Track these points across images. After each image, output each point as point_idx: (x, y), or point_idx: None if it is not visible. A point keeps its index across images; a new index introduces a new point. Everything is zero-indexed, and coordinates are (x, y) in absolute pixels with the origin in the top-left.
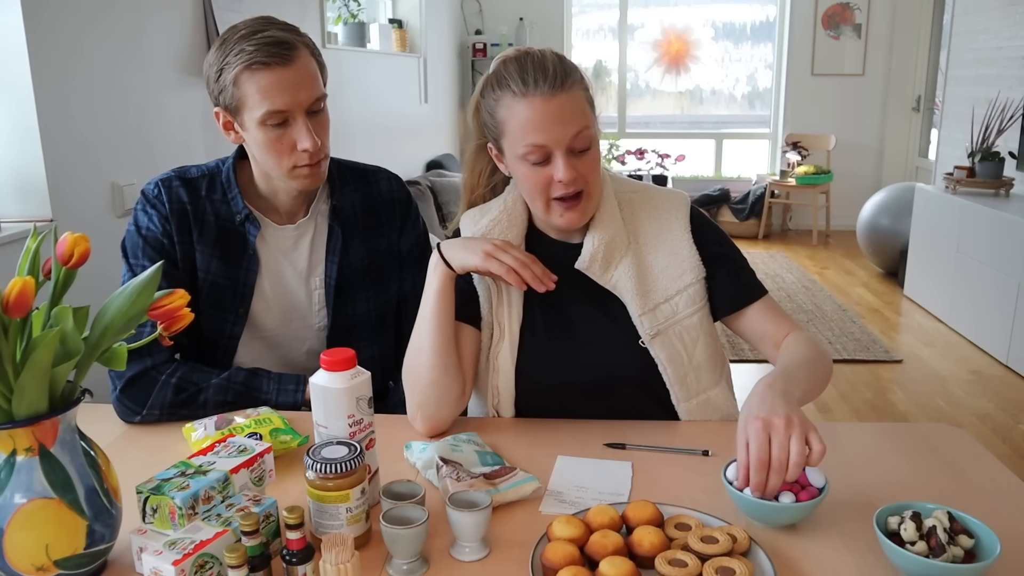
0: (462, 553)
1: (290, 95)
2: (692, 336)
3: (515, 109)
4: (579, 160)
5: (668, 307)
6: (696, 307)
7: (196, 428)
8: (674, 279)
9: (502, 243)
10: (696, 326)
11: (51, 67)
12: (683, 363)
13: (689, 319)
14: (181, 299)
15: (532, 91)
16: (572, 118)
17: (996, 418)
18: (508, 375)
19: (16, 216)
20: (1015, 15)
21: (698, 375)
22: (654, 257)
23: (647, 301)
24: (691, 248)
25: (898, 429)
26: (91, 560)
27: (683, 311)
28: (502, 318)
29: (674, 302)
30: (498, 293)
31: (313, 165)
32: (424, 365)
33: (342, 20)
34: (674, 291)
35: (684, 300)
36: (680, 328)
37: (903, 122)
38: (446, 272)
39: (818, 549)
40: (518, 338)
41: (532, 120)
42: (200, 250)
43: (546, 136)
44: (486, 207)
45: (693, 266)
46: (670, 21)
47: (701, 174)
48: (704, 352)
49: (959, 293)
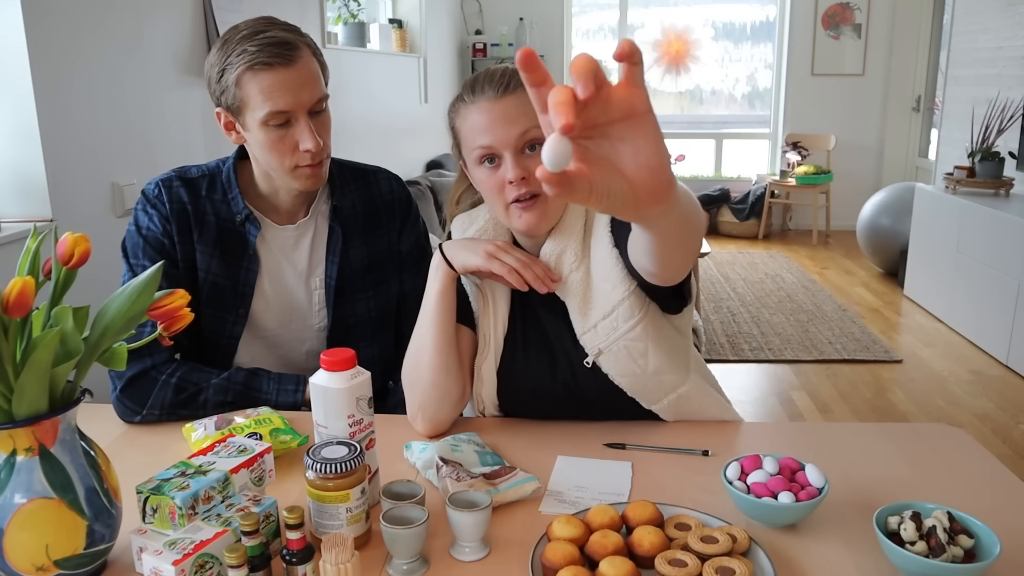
0: (462, 553)
1: (293, 95)
2: (640, 349)
3: (465, 115)
4: (531, 160)
5: (607, 323)
6: (636, 319)
7: (196, 428)
8: (608, 293)
9: (504, 244)
10: (641, 337)
11: (51, 67)
12: (637, 375)
13: (631, 332)
14: (181, 299)
15: (479, 96)
16: (519, 118)
17: (996, 418)
18: (491, 385)
19: (16, 216)
20: (1015, 15)
21: (659, 380)
22: (597, 270)
23: (586, 320)
24: (614, 259)
25: (898, 429)
26: (91, 560)
27: (623, 326)
28: (487, 329)
29: (612, 318)
30: (483, 304)
31: (315, 165)
32: (425, 365)
33: (342, 20)
34: (610, 307)
35: (622, 314)
36: (624, 342)
37: (903, 122)
38: (448, 273)
39: (818, 549)
40: (502, 349)
41: (479, 123)
42: (200, 250)
43: (492, 137)
44: (474, 214)
45: (621, 278)
46: (670, 21)
47: (701, 174)
48: (658, 359)
49: (959, 293)
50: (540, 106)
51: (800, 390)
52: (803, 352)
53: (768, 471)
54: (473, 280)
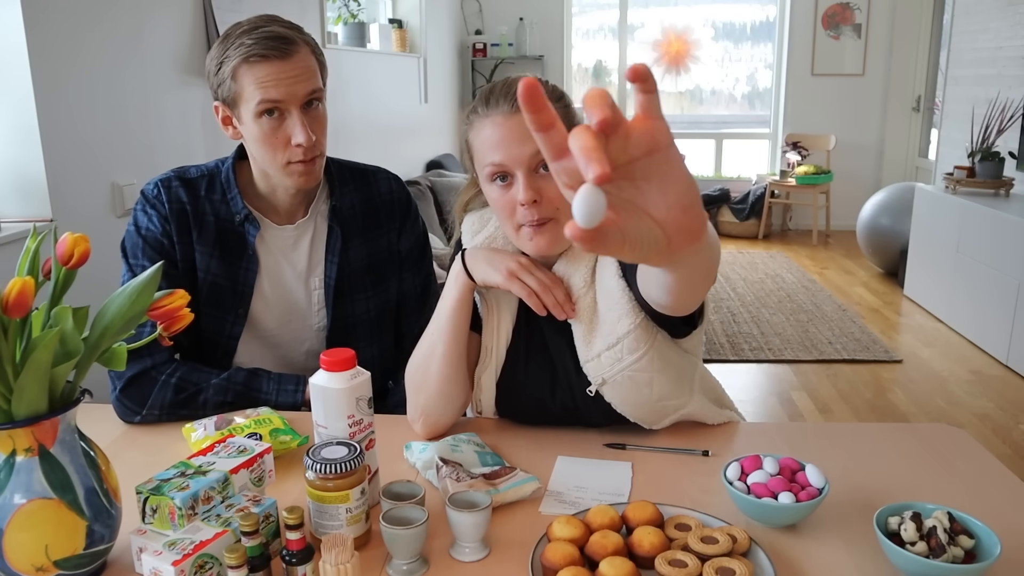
0: (462, 553)
1: (285, 87)
2: (645, 378)
3: (478, 128)
4: (545, 182)
5: (611, 354)
6: (641, 352)
7: (196, 428)
8: (614, 323)
9: (527, 263)
10: (646, 368)
11: (51, 67)
12: (640, 404)
13: (636, 364)
14: (181, 299)
15: (492, 109)
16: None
17: (996, 418)
18: (490, 394)
19: (16, 216)
20: (1015, 15)
21: (662, 405)
22: (603, 298)
23: (590, 349)
24: (621, 289)
25: (898, 429)
26: (91, 560)
27: (627, 358)
28: (490, 340)
29: (616, 349)
30: (487, 313)
31: (307, 162)
32: (434, 372)
33: (342, 20)
34: (615, 339)
35: (627, 346)
36: (629, 373)
37: (903, 122)
38: (467, 283)
39: (818, 549)
40: (503, 363)
41: (491, 138)
42: (200, 250)
43: (504, 154)
44: (485, 216)
45: (628, 310)
46: (670, 21)
47: (701, 174)
48: (663, 387)
49: (959, 293)
50: (550, 153)
51: (800, 390)
52: (803, 352)
53: (768, 471)
54: (480, 290)
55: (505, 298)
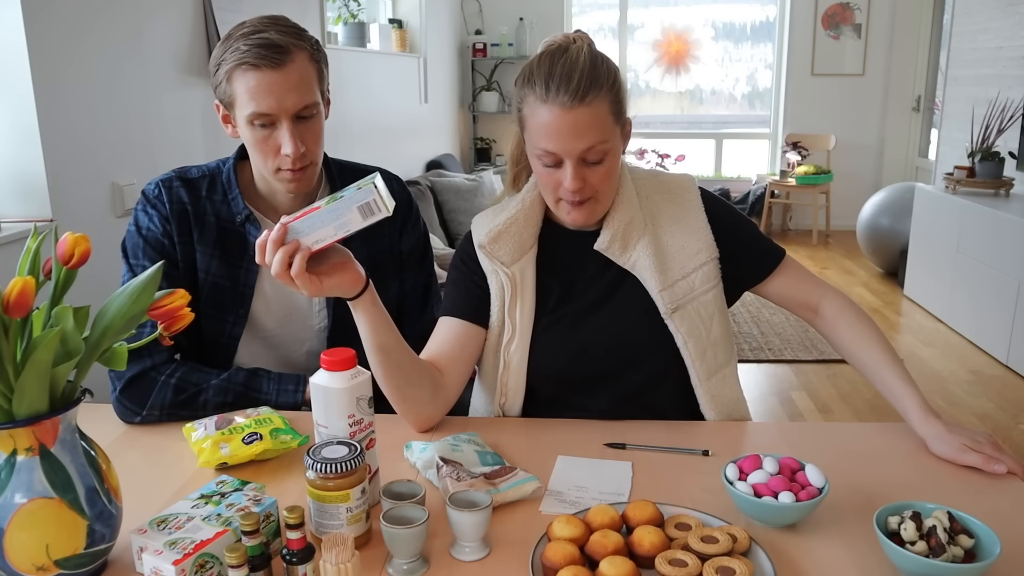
0: (462, 553)
1: (276, 99)
2: (708, 312)
3: (536, 111)
4: (590, 171)
5: (685, 284)
6: (710, 284)
7: (196, 428)
8: (690, 257)
9: (261, 243)
10: (711, 303)
11: (51, 67)
12: (702, 338)
13: (705, 295)
14: (181, 299)
15: (552, 98)
16: (587, 132)
17: (996, 418)
18: (520, 369)
19: (16, 216)
20: (1015, 15)
21: (715, 351)
22: (670, 237)
23: (666, 278)
24: (706, 228)
25: (898, 429)
26: (91, 560)
27: (699, 288)
28: (515, 316)
29: (691, 279)
30: (513, 294)
31: (296, 170)
32: (386, 390)
33: (342, 20)
34: (691, 268)
35: (700, 277)
36: (698, 304)
37: (903, 122)
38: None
39: (818, 549)
40: (531, 331)
41: (547, 127)
42: (200, 250)
43: (558, 145)
44: (500, 206)
45: (707, 245)
46: (670, 21)
47: (701, 174)
48: (719, 328)
49: (959, 293)
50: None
51: (800, 390)
52: (803, 352)
53: (768, 471)
54: (504, 271)
55: (529, 275)
